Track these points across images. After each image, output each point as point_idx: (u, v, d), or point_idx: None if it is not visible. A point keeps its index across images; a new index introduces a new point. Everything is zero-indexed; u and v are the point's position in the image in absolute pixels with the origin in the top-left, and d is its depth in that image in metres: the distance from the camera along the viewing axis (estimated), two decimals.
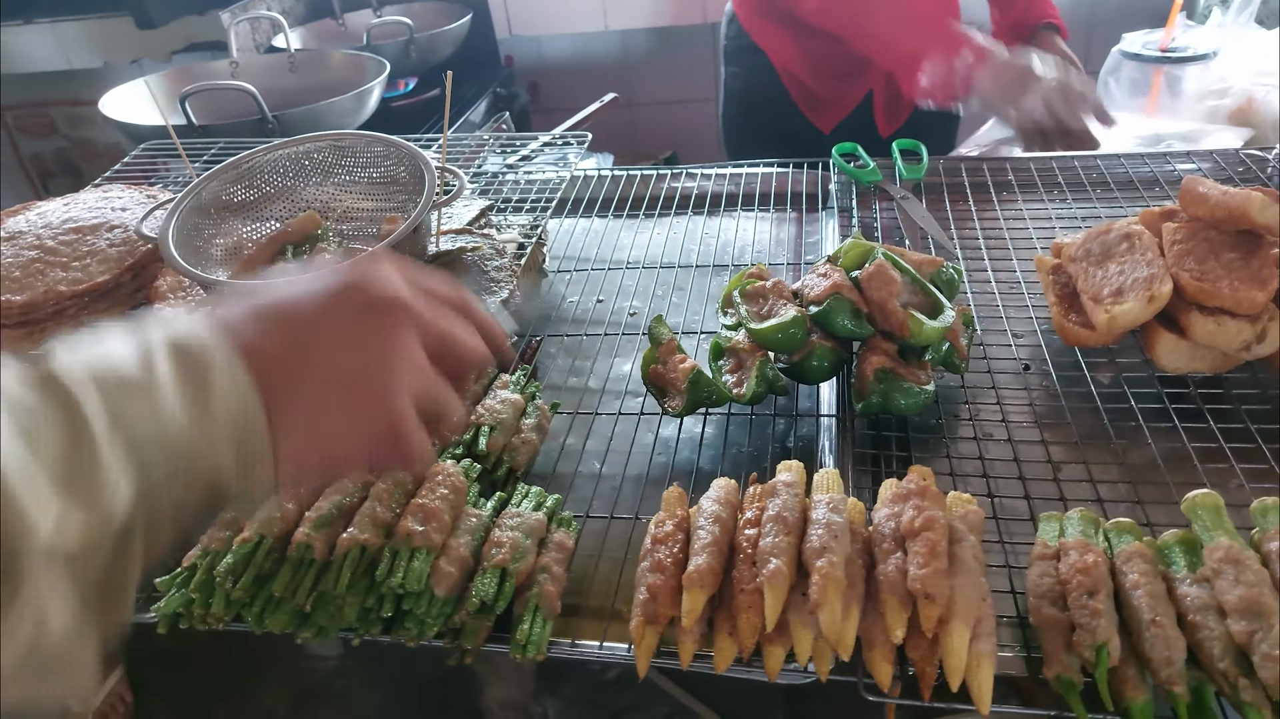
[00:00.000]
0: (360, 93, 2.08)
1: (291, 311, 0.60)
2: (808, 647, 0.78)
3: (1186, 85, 1.78)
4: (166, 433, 0.52)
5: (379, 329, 0.62)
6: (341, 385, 0.60)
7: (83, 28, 2.97)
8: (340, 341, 0.60)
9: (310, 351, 0.59)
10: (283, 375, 0.57)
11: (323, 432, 0.60)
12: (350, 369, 0.60)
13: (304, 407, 0.58)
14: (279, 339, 0.58)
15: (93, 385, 0.50)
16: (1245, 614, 0.71)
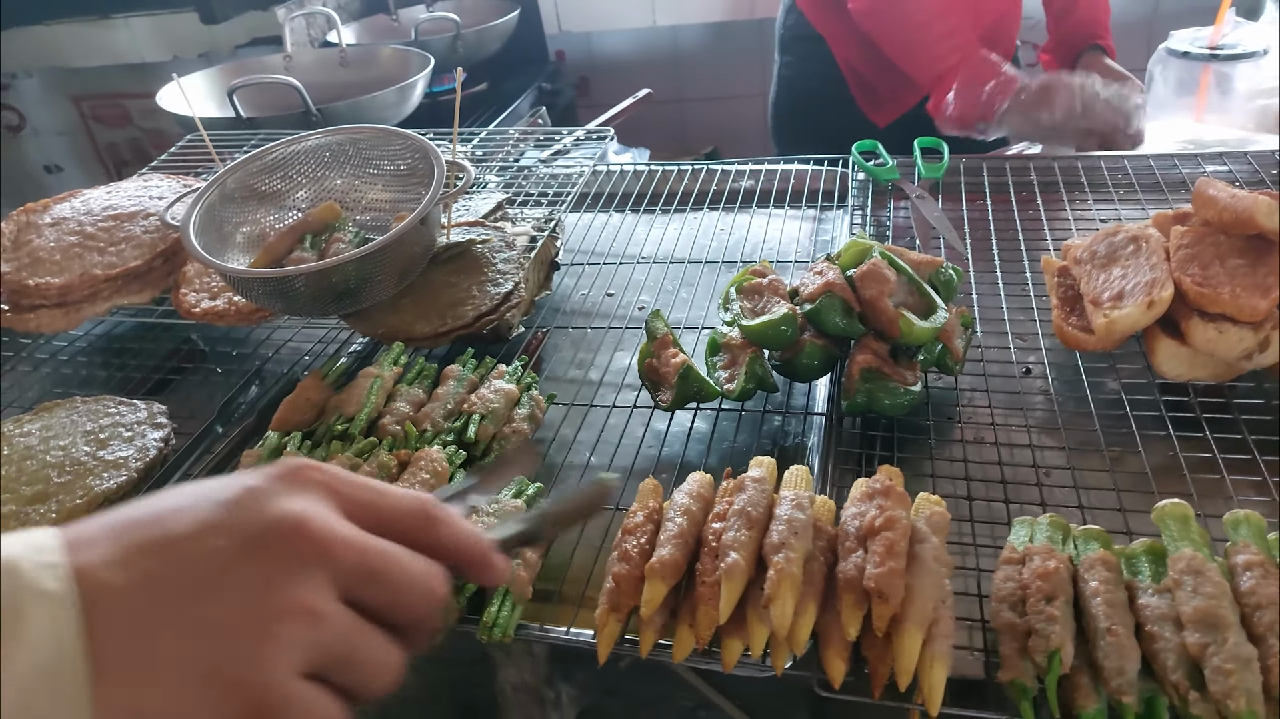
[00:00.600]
0: (403, 87, 2.12)
1: (157, 533, 0.45)
2: (763, 640, 0.78)
3: (1237, 84, 1.72)
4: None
5: (266, 571, 0.45)
6: (197, 647, 0.43)
7: (152, 23, 3.09)
8: (210, 581, 0.44)
9: (167, 590, 0.44)
10: (122, 618, 0.43)
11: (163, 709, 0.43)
12: (213, 627, 0.44)
13: (142, 669, 0.43)
14: (129, 571, 0.44)
15: None
16: (1201, 626, 0.70)
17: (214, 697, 0.43)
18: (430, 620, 0.52)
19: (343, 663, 0.47)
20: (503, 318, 1.19)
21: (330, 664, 0.47)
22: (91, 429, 1.09)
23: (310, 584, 0.46)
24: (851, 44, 1.89)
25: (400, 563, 0.50)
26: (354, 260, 1.08)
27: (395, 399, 1.06)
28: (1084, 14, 1.82)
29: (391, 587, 0.49)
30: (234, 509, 0.46)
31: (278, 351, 1.32)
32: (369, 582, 0.48)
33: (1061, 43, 1.85)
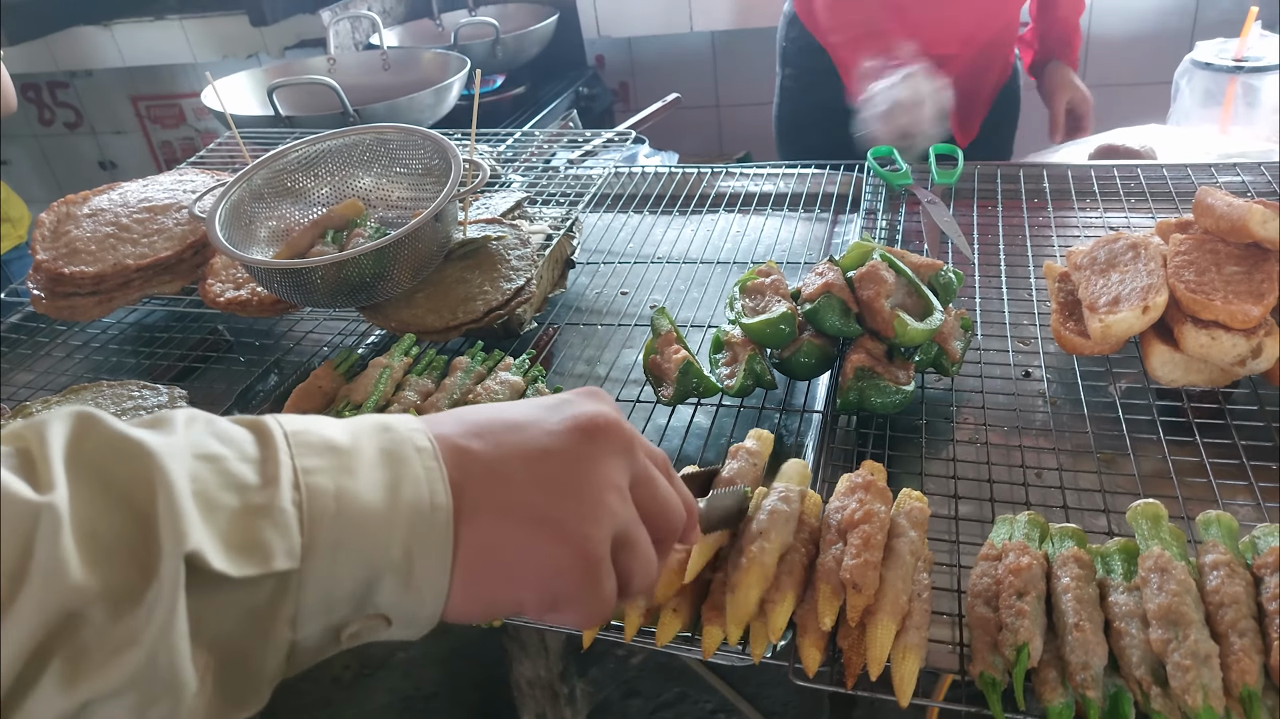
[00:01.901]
0: (439, 89, 2.17)
1: (499, 418, 0.55)
2: (739, 627, 0.80)
3: (1264, 96, 1.71)
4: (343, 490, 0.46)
5: (590, 449, 0.54)
6: (541, 499, 0.52)
7: (204, 25, 3.18)
8: (547, 454, 0.53)
9: (513, 458, 0.52)
10: (480, 476, 0.51)
11: (509, 545, 0.51)
12: (553, 484, 0.53)
13: (494, 515, 0.51)
14: (482, 441, 0.52)
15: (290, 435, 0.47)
16: (1164, 622, 0.71)
17: (553, 541, 0.52)
18: (675, 536, 0.61)
19: (629, 546, 0.56)
20: (513, 313, 1.23)
21: (620, 543, 0.55)
22: (115, 412, 1.14)
23: (621, 469, 0.56)
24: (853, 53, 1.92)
25: (665, 483, 0.60)
26: (370, 254, 1.12)
27: (403, 389, 1.10)
28: (1064, 12, 1.95)
29: (660, 499, 0.59)
30: (558, 405, 0.56)
31: (299, 343, 1.36)
32: (647, 486, 0.58)
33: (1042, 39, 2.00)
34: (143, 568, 0.40)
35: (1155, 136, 1.69)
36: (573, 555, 0.52)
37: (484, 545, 0.50)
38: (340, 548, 0.46)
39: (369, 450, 0.49)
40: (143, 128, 3.70)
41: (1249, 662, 0.68)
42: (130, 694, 0.40)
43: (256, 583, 0.43)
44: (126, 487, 0.42)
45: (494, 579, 0.51)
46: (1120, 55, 2.88)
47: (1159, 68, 2.21)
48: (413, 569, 0.48)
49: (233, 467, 0.45)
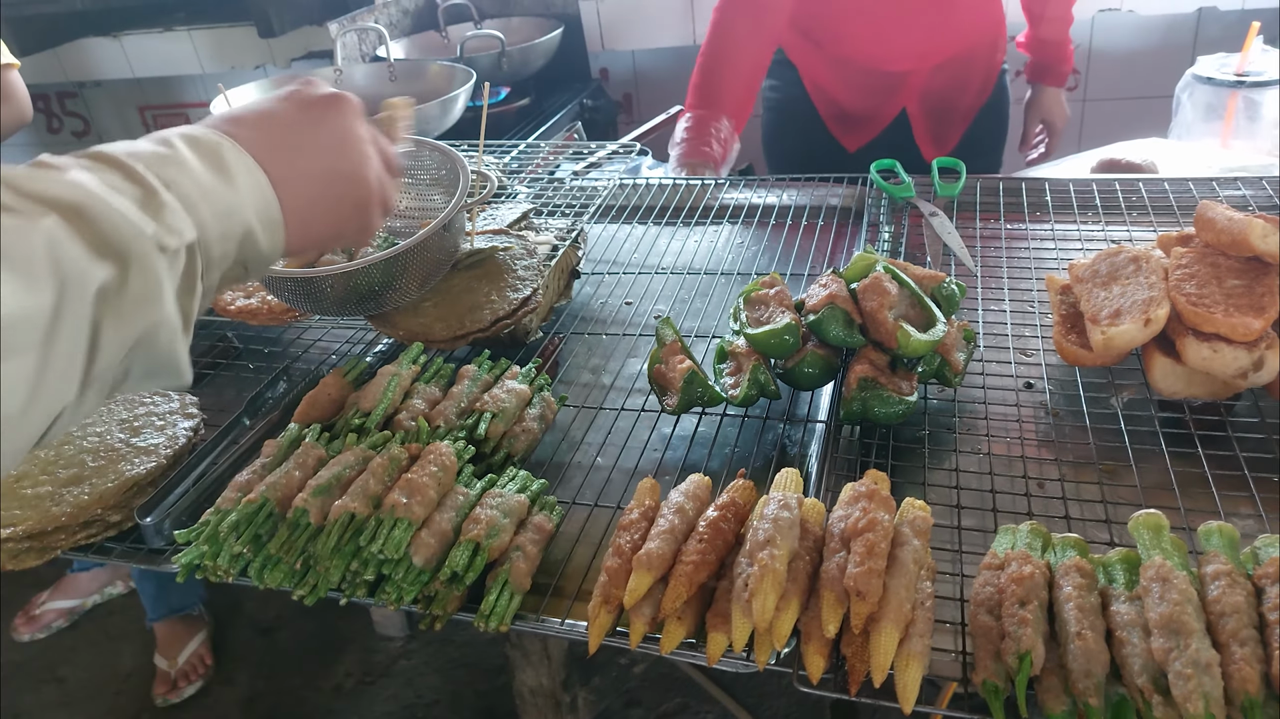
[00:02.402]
0: (445, 100, 2.19)
1: (264, 111, 0.73)
2: (745, 634, 0.81)
3: (1265, 110, 1.72)
4: (207, 195, 0.63)
5: (340, 117, 0.76)
6: (330, 159, 0.74)
7: (212, 36, 3.20)
8: (313, 126, 0.74)
9: (293, 138, 0.72)
10: (277, 158, 0.69)
11: (319, 198, 0.73)
12: (331, 149, 0.74)
13: (300, 179, 0.71)
14: (264, 132, 0.70)
15: (133, 157, 0.61)
16: (1165, 631, 0.71)
17: (349, 186, 0.76)
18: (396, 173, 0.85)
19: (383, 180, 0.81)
20: (520, 322, 1.24)
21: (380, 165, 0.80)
22: (126, 418, 1.15)
23: (363, 125, 0.78)
24: (821, 70, 1.95)
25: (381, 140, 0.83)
26: (378, 263, 1.13)
27: (412, 396, 1.11)
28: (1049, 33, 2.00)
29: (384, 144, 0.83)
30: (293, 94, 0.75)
31: (307, 351, 1.38)
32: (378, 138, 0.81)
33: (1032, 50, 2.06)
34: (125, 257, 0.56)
35: (1157, 150, 1.71)
36: (362, 194, 0.77)
37: (300, 202, 0.71)
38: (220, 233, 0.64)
39: (187, 154, 0.64)
40: None
41: (1250, 670, 0.68)
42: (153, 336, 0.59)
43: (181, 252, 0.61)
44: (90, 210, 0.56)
45: (316, 222, 0.74)
46: (1122, 70, 2.90)
47: (1161, 82, 2.23)
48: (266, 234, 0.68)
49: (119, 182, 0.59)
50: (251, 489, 0.98)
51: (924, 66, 1.90)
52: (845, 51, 1.91)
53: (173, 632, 2.52)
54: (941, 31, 1.85)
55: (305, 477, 0.99)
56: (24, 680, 2.63)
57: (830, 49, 1.91)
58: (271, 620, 2.72)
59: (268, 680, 2.57)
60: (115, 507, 1.06)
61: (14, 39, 2.87)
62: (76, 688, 2.60)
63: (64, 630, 2.76)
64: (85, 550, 1.05)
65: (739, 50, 1.82)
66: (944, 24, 1.84)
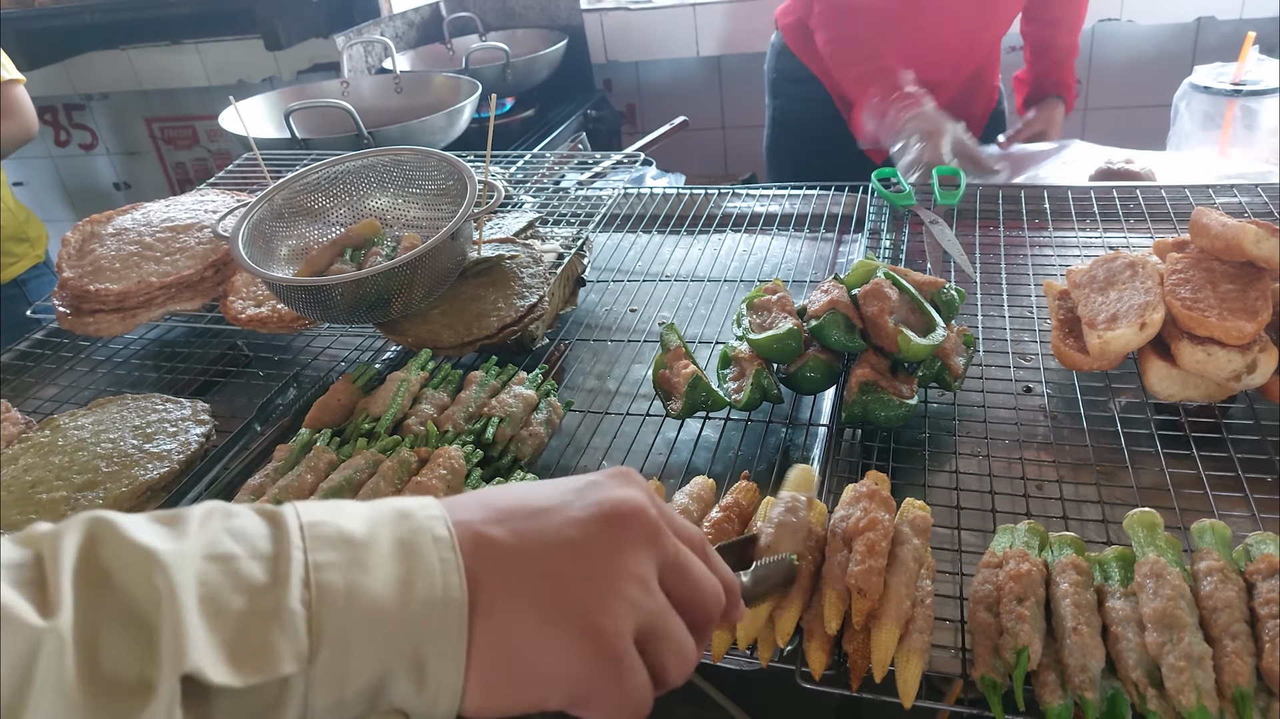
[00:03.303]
0: (450, 111, 2.21)
1: (523, 503, 0.53)
2: (749, 634, 0.82)
3: (1262, 119, 1.74)
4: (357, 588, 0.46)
5: (613, 538, 0.53)
6: (559, 592, 0.50)
7: (220, 49, 3.24)
8: (569, 544, 0.52)
9: (534, 547, 0.51)
10: (498, 567, 0.50)
11: (525, 641, 0.49)
12: (572, 577, 0.51)
13: (511, 609, 0.49)
14: (503, 528, 0.51)
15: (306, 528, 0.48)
16: (1159, 626, 0.73)
17: (570, 635, 0.50)
18: (714, 622, 0.58)
19: (659, 637, 0.53)
20: (526, 329, 1.26)
21: (648, 635, 0.53)
22: (139, 424, 1.17)
23: (646, 559, 0.53)
24: None
25: (700, 567, 0.57)
26: (387, 272, 1.15)
27: (420, 402, 1.13)
28: (1057, 56, 2.01)
29: (694, 584, 0.56)
30: (585, 489, 0.55)
31: (316, 358, 1.40)
32: (678, 573, 0.55)
33: (1034, 79, 2.06)
34: (142, 690, 0.41)
35: (1155, 159, 1.73)
36: (590, 650, 0.50)
37: (499, 641, 0.49)
38: (350, 648, 0.45)
39: (385, 542, 0.48)
40: (156, 149, 3.75)
41: (1241, 664, 0.70)
42: None
43: (261, 689, 0.43)
44: (133, 600, 0.42)
45: (511, 677, 0.49)
46: (1122, 79, 2.92)
47: (1159, 91, 2.25)
48: (426, 667, 0.47)
49: (243, 566, 0.45)
50: (264, 492, 1.00)
51: (956, 78, 1.94)
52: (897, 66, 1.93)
53: None
54: (975, 41, 1.90)
55: (316, 480, 1.01)
56: None
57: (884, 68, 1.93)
58: None
59: None
60: (129, 511, 1.07)
61: (22, 52, 2.91)
62: None
63: None
64: None
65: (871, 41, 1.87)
66: (980, 34, 1.89)
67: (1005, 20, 1.99)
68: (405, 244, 1.27)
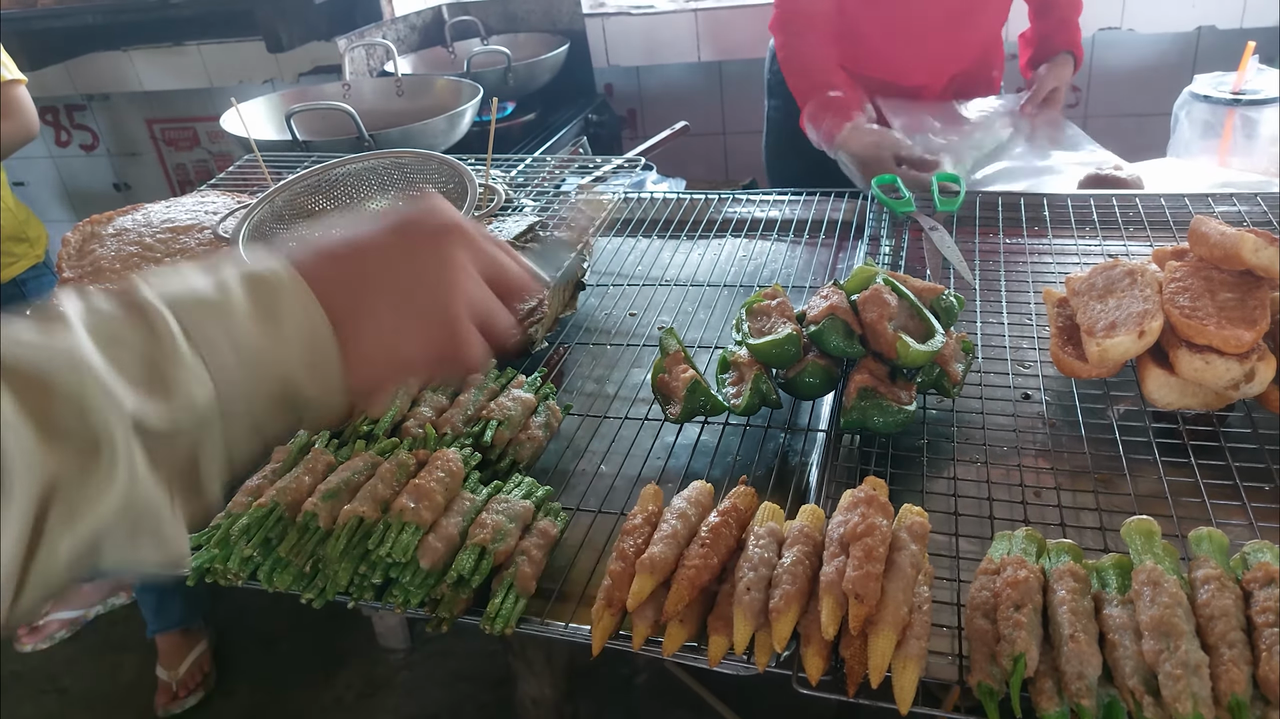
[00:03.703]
0: (452, 115, 2.22)
1: (354, 244, 0.67)
2: (745, 638, 0.83)
3: (1262, 128, 1.75)
4: (239, 343, 0.58)
5: (437, 251, 0.68)
6: (403, 298, 0.66)
7: (221, 51, 3.24)
8: (401, 262, 0.67)
9: (373, 272, 0.65)
10: (347, 295, 0.63)
11: (387, 339, 0.65)
12: (411, 284, 0.66)
13: (368, 319, 0.64)
14: (343, 266, 0.65)
15: (170, 304, 0.57)
16: (1156, 634, 0.73)
17: (423, 324, 0.67)
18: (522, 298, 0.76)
19: (486, 316, 0.70)
20: (526, 332, 1.26)
21: (478, 314, 0.69)
22: None
23: (468, 259, 0.69)
24: None
25: (509, 260, 0.74)
26: None
27: (419, 404, 1.13)
28: (1061, 14, 2.01)
29: (507, 275, 0.73)
30: (403, 224, 0.69)
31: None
32: (493, 267, 0.71)
33: (1041, 38, 2.05)
34: (93, 439, 0.51)
35: (1151, 167, 1.73)
36: (442, 332, 0.67)
37: (365, 341, 0.64)
38: (249, 381, 0.58)
39: (239, 299, 0.59)
40: (157, 150, 3.76)
41: (1238, 672, 0.70)
42: (121, 524, 0.53)
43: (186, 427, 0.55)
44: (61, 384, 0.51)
45: (381, 364, 0.66)
46: (1122, 87, 2.93)
47: (1160, 100, 2.25)
48: (314, 377, 0.62)
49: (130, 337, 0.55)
50: (262, 494, 1.00)
51: (936, 82, 1.94)
52: (861, 65, 1.94)
53: (174, 643, 2.53)
54: (956, 45, 1.90)
55: (315, 482, 1.01)
56: (25, 691, 2.64)
57: (849, 64, 1.94)
58: (273, 632, 2.73)
59: (269, 692, 2.58)
60: None
61: (24, 52, 2.91)
62: (78, 698, 2.61)
63: (66, 640, 2.77)
64: None
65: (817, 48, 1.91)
66: (959, 38, 1.89)
67: (986, 23, 1.97)
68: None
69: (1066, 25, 2.02)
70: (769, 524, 0.90)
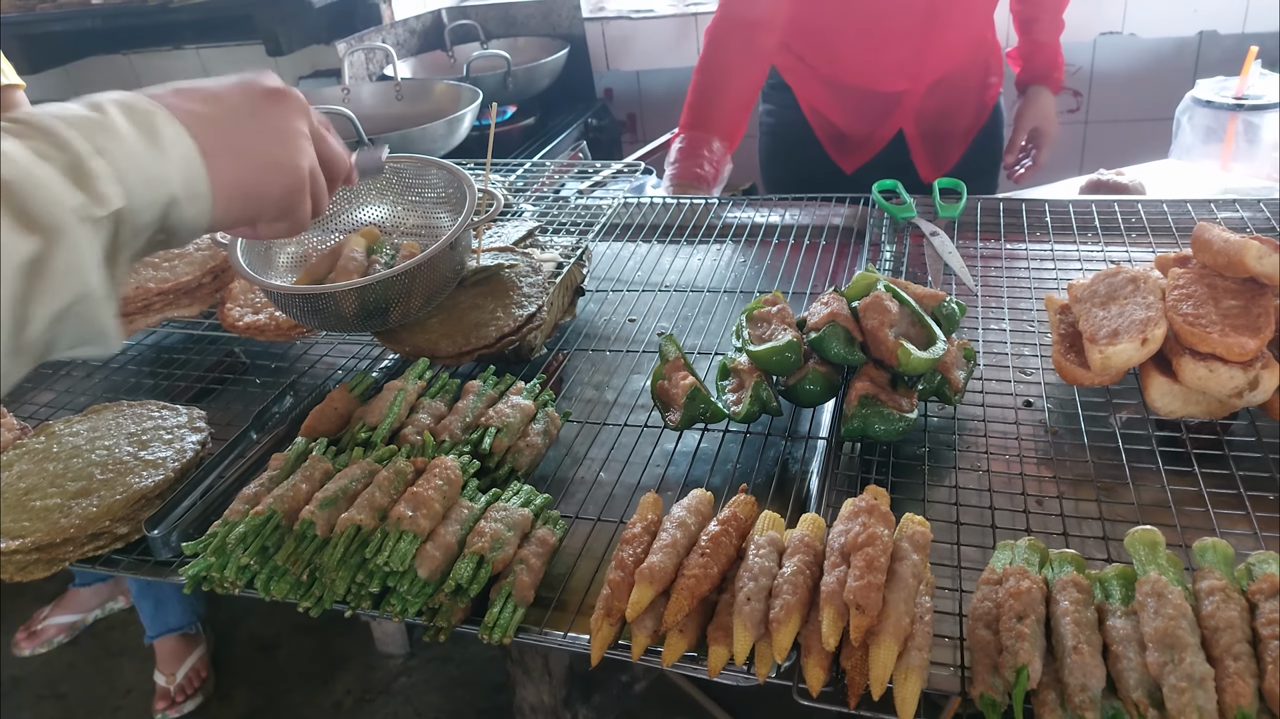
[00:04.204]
0: (451, 119, 2.21)
1: (210, 90, 0.74)
2: (745, 648, 0.82)
3: (1264, 134, 1.74)
4: (135, 159, 0.65)
5: (284, 110, 0.77)
6: (258, 143, 0.75)
7: (221, 54, 3.24)
8: (253, 113, 0.75)
9: (231, 118, 0.74)
10: (211, 133, 0.71)
11: (246, 177, 0.74)
12: (262, 134, 0.76)
13: (230, 156, 0.72)
14: (204, 107, 0.72)
15: (64, 123, 0.63)
16: (1160, 646, 0.72)
17: (278, 172, 0.77)
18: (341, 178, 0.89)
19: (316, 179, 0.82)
20: (525, 339, 1.25)
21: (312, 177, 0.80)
22: (135, 431, 1.16)
23: (304, 126, 0.80)
24: (816, 92, 1.97)
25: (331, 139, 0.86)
26: (385, 280, 1.15)
27: (417, 411, 1.12)
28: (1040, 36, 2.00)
29: (331, 147, 0.85)
30: (248, 81, 0.77)
31: (313, 366, 1.39)
32: (321, 140, 0.83)
33: (1022, 58, 2.05)
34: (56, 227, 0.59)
35: (1157, 172, 1.72)
36: (291, 181, 0.78)
37: (231, 177, 0.72)
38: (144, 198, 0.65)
39: (120, 120, 0.66)
40: None
41: (1243, 685, 0.69)
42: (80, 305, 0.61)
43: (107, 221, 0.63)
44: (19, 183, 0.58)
45: (243, 200, 0.74)
46: (1124, 92, 2.92)
47: (1162, 104, 2.25)
48: (189, 203, 0.69)
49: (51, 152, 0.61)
50: (259, 501, 0.99)
51: (918, 87, 1.92)
52: (838, 73, 1.93)
53: (171, 648, 2.53)
54: (930, 50, 1.86)
55: (312, 489, 1.00)
56: (24, 696, 2.63)
57: (824, 71, 1.94)
58: (271, 637, 2.72)
59: (267, 697, 2.57)
60: (123, 519, 1.07)
61: (24, 56, 2.91)
62: (77, 703, 2.60)
63: (65, 645, 2.76)
64: (92, 563, 1.06)
65: (731, 71, 1.86)
66: (932, 43, 1.85)
67: (965, 23, 1.90)
68: (404, 252, 1.26)
69: (1044, 49, 2.00)
70: (769, 533, 0.89)
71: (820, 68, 1.94)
